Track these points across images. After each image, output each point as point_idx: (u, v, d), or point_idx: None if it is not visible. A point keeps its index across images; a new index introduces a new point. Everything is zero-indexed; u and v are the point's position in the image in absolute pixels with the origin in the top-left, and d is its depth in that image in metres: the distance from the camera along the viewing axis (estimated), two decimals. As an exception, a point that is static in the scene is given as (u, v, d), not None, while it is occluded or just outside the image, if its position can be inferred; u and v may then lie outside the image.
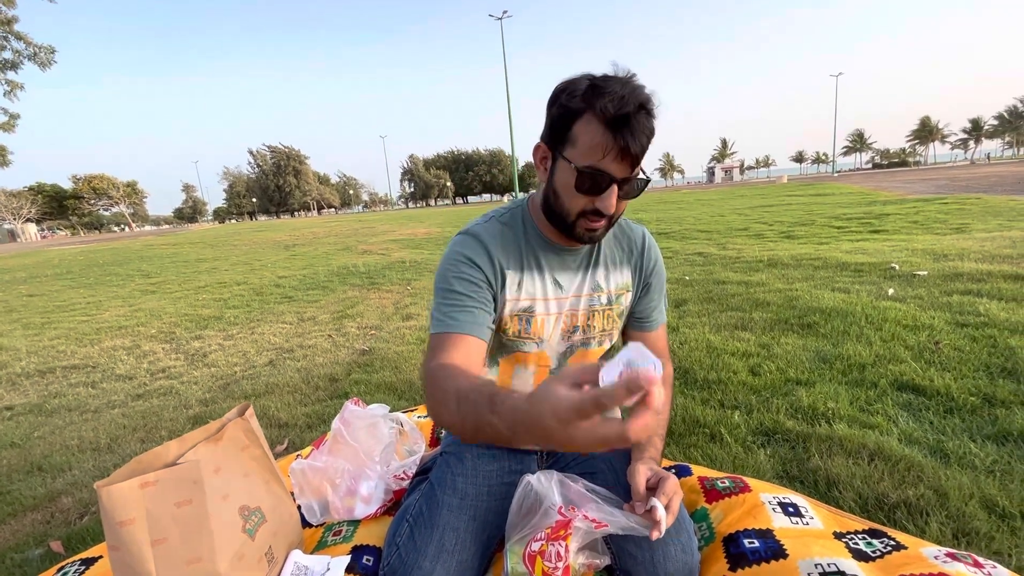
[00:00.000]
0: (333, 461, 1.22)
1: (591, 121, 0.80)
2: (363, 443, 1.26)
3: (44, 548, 1.33)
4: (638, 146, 0.79)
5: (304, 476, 1.19)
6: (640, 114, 0.79)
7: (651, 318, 1.08)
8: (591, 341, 1.03)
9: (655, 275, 1.07)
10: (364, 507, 1.18)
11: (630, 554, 0.92)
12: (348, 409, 1.31)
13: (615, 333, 1.07)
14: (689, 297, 3.50)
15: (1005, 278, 2.99)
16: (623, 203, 0.88)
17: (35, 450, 2.05)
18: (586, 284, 1.01)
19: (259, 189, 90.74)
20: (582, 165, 0.82)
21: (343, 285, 5.79)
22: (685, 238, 7.27)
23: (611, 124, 0.79)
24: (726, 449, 1.47)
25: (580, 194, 0.85)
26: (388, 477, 1.25)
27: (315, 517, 1.19)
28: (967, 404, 1.59)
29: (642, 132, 0.79)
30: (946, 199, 9.44)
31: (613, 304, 1.03)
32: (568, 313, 1.00)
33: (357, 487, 1.21)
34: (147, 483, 0.82)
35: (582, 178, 0.83)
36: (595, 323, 1.02)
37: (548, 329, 0.99)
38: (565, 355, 1.03)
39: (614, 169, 0.82)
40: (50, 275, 10.15)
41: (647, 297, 1.07)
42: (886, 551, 0.94)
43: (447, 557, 0.93)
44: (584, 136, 0.82)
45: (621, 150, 0.79)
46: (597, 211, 0.86)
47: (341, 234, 15.11)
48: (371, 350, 3.04)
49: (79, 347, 3.94)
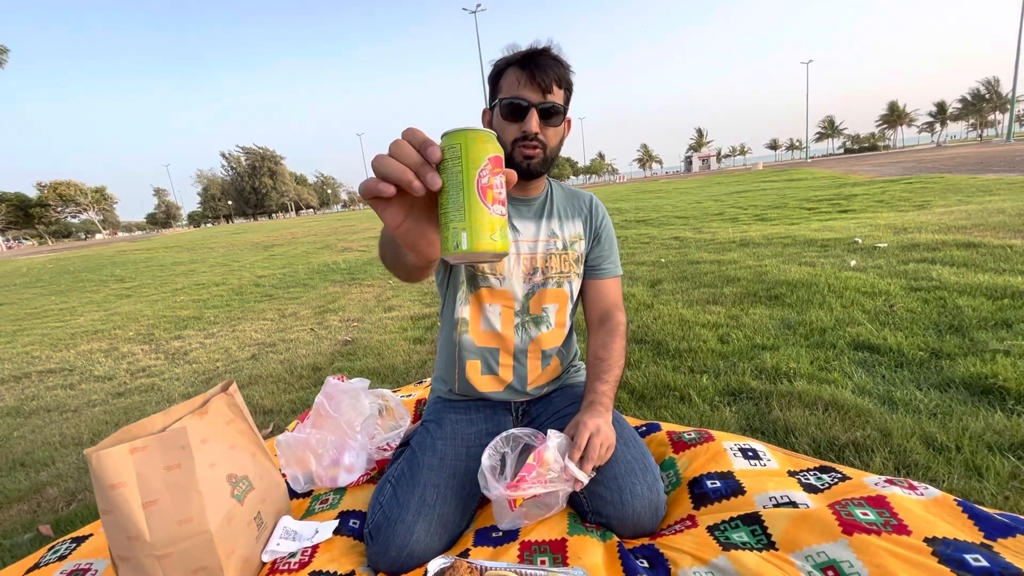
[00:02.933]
0: (316, 433, 1.27)
1: (509, 71, 1.04)
2: (345, 415, 1.31)
3: (33, 532, 1.34)
4: (543, 74, 1.00)
5: (289, 447, 1.24)
6: (544, 53, 1.03)
7: (603, 267, 1.20)
8: (549, 281, 1.14)
9: (604, 228, 1.22)
10: (347, 476, 1.24)
11: (599, 495, 0.99)
12: (330, 383, 1.36)
13: (573, 277, 1.18)
14: (664, 277, 3.60)
15: (958, 246, 3.16)
16: (551, 132, 1.05)
17: (16, 448, 2.04)
18: (542, 231, 1.14)
19: (234, 191, 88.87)
20: (504, 98, 1.03)
21: (324, 282, 5.77)
22: (662, 224, 7.40)
23: (520, 63, 1.02)
24: (694, 408, 1.56)
25: (508, 122, 1.03)
26: (371, 448, 1.31)
27: (300, 486, 1.23)
28: (916, 358, 1.70)
29: (546, 65, 1.00)
30: (911, 179, 9.77)
31: (568, 249, 1.16)
32: (528, 256, 1.12)
33: (340, 457, 1.26)
34: (136, 448, 0.86)
35: (505, 108, 1.03)
36: (552, 265, 1.14)
37: (509, 266, 1.11)
38: (528, 296, 1.14)
39: (528, 95, 1.01)
40: (19, 284, 9.85)
41: (598, 247, 1.20)
42: (833, 483, 1.03)
43: (428, 511, 0.99)
44: (505, 83, 1.04)
45: (528, 78, 1.00)
46: (525, 135, 1.02)
47: (320, 233, 14.94)
48: (353, 340, 3.07)
49: (54, 352, 3.88)
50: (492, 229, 0.50)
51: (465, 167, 0.49)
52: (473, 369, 1.16)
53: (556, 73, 1.01)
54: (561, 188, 1.22)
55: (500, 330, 1.13)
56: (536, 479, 0.93)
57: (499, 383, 1.16)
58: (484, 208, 0.50)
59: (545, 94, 1.01)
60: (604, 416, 1.00)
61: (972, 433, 1.22)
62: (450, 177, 0.50)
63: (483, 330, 1.14)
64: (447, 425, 1.15)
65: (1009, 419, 1.26)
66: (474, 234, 0.49)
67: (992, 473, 1.07)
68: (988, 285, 2.30)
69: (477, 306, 1.13)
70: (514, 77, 1.03)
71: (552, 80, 1.01)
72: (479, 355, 1.15)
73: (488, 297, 1.12)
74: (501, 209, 0.51)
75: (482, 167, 0.50)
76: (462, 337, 1.14)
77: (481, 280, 1.11)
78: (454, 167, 0.49)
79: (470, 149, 0.49)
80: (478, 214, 0.49)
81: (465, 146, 0.49)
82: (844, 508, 0.89)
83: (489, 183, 0.50)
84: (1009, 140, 34.70)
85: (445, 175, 0.50)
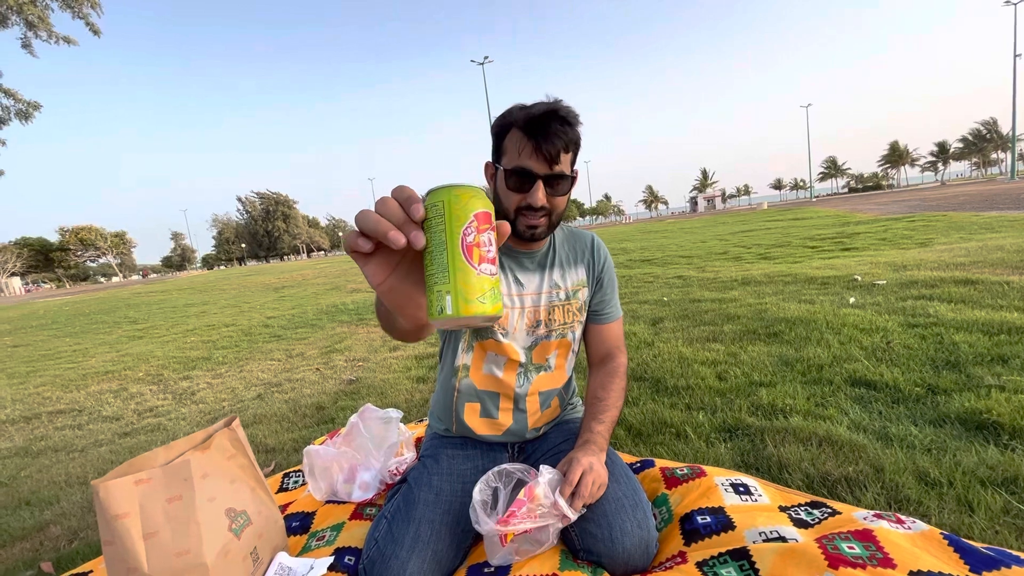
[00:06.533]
0: (344, 450, 1.36)
1: (514, 132, 0.98)
2: (375, 436, 1.38)
3: (35, 570, 1.36)
4: (551, 145, 0.95)
5: (318, 457, 1.33)
6: (552, 119, 0.95)
7: (605, 312, 1.20)
8: (552, 333, 1.14)
9: (606, 272, 1.21)
10: (360, 493, 1.31)
11: (590, 533, 0.99)
12: (367, 408, 1.45)
13: (576, 326, 1.17)
14: (666, 315, 3.63)
15: (956, 283, 3.18)
16: (557, 200, 1.02)
17: (22, 487, 2.07)
18: (544, 283, 1.13)
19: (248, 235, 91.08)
20: (509, 167, 0.99)
21: (332, 322, 5.85)
22: (666, 263, 7.47)
23: (526, 129, 0.96)
24: (690, 445, 1.56)
25: (512, 192, 1.00)
26: (384, 472, 1.37)
27: (320, 494, 1.32)
28: (912, 394, 1.71)
29: (554, 133, 0.95)
30: (914, 217, 9.84)
31: (572, 299, 1.15)
32: (531, 309, 1.12)
33: (357, 475, 1.34)
34: (141, 480, 0.90)
35: (510, 176, 0.99)
36: (556, 317, 1.14)
37: (512, 321, 1.10)
38: (530, 348, 1.14)
39: (534, 166, 0.97)
40: (35, 326, 10.06)
41: (601, 291, 1.20)
42: (823, 518, 1.04)
43: (422, 547, 0.99)
44: (510, 144, 1.00)
45: (535, 149, 0.95)
46: (530, 206, 1.00)
47: (330, 275, 15.19)
48: (358, 379, 3.10)
49: (65, 392, 3.94)
50: (480, 291, 0.47)
51: (448, 225, 0.46)
52: (472, 412, 1.16)
53: (564, 140, 0.96)
54: (562, 230, 1.21)
55: (501, 376, 1.13)
56: (527, 514, 0.94)
57: (497, 427, 1.17)
58: (470, 269, 0.46)
59: (552, 165, 0.97)
60: (598, 456, 1.00)
61: (965, 468, 1.22)
62: (433, 236, 0.47)
63: (484, 374, 1.14)
64: (443, 460, 1.16)
65: (1003, 454, 1.26)
66: (459, 297, 0.46)
67: (983, 507, 1.07)
68: (985, 321, 2.31)
69: (480, 353, 1.13)
70: (519, 142, 0.97)
71: (560, 148, 0.96)
72: (478, 398, 1.15)
73: (493, 347, 1.12)
74: (491, 268, 0.48)
75: (467, 225, 0.47)
76: (462, 381, 1.15)
77: (488, 333, 1.11)
78: (437, 225, 0.47)
79: (453, 206, 0.47)
80: (464, 275, 0.46)
81: (448, 203, 0.47)
82: (831, 542, 0.90)
83: (476, 241, 0.47)
84: (1013, 178, 34.92)
85: (429, 234, 0.47)
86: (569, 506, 0.94)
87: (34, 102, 13.31)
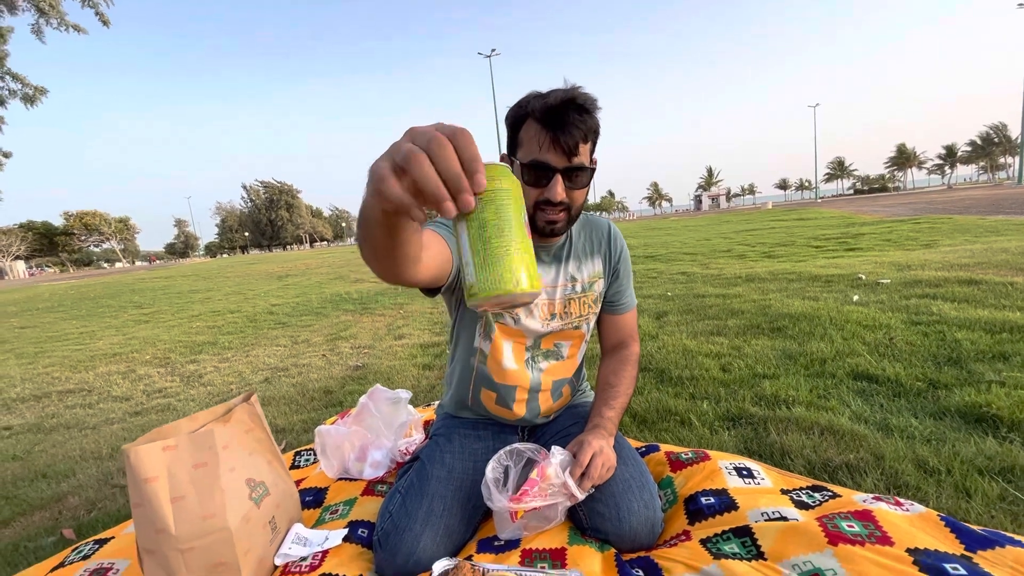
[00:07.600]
0: (355, 429, 1.40)
1: (530, 123, 0.93)
2: (385, 416, 1.43)
3: (56, 536, 1.40)
4: (569, 136, 0.90)
5: (329, 436, 1.37)
6: (570, 108, 0.90)
7: (621, 302, 1.21)
8: (568, 326, 1.15)
9: (622, 262, 1.20)
10: (371, 471, 1.35)
11: (598, 512, 1.03)
12: (377, 389, 1.49)
13: (591, 317, 1.18)
14: (670, 309, 3.66)
15: (959, 283, 3.20)
16: (577, 193, 0.99)
17: (38, 461, 2.12)
18: (560, 276, 1.13)
19: (251, 223, 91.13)
20: (526, 160, 0.94)
21: (336, 311, 5.89)
22: (671, 260, 7.49)
23: (543, 120, 0.91)
24: (694, 432, 1.60)
25: (530, 187, 0.96)
26: (395, 451, 1.41)
27: (332, 471, 1.36)
28: (914, 388, 1.74)
29: (572, 124, 0.89)
30: (919, 219, 9.83)
31: (588, 291, 1.15)
32: (546, 302, 1.12)
33: (368, 454, 1.38)
34: (168, 447, 0.94)
35: (527, 171, 0.94)
36: (572, 310, 1.14)
37: (525, 312, 1.11)
38: (540, 335, 1.14)
39: (552, 159, 0.92)
40: (41, 308, 10.13)
41: (617, 282, 1.20)
42: (824, 500, 1.07)
43: (435, 521, 1.03)
44: (526, 136, 0.95)
45: (552, 141, 0.90)
46: (549, 201, 0.96)
47: (334, 264, 15.22)
48: (364, 366, 3.14)
49: (74, 373, 3.99)
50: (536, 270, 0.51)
51: (516, 207, 0.49)
52: (488, 398, 1.19)
53: (582, 130, 0.91)
54: (578, 220, 1.17)
55: (515, 367, 1.13)
56: (538, 493, 0.98)
57: (511, 415, 1.19)
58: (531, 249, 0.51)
59: (571, 157, 0.92)
60: (607, 440, 1.03)
61: (963, 457, 1.25)
62: (500, 211, 0.47)
63: (502, 367, 1.13)
64: (456, 439, 1.19)
65: (1001, 445, 1.29)
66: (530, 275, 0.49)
67: (980, 494, 1.10)
68: (987, 320, 2.34)
69: (496, 343, 1.14)
70: (536, 134, 0.92)
71: (578, 140, 0.91)
72: (495, 389, 1.16)
73: (503, 334, 1.13)
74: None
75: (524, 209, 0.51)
76: (479, 366, 1.16)
77: (499, 317, 1.12)
78: (504, 200, 0.48)
79: (516, 191, 0.50)
80: (531, 256, 0.50)
81: (514, 189, 0.50)
82: (831, 521, 0.93)
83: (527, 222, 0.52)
84: (1020, 183, 34.71)
85: (491, 209, 0.47)
86: (578, 487, 0.98)
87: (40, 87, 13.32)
